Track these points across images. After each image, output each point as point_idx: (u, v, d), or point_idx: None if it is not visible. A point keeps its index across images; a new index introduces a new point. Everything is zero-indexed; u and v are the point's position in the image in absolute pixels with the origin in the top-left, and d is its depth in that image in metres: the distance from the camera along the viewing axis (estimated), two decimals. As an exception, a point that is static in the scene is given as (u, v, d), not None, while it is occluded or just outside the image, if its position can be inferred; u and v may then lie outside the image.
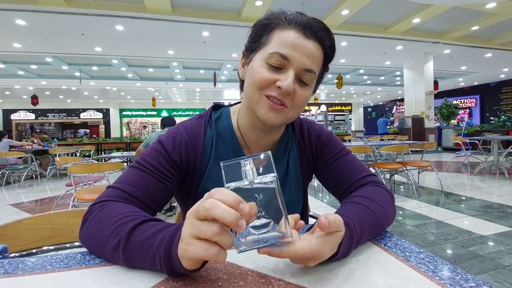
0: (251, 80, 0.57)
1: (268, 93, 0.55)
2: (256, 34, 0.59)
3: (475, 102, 15.69)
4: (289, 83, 0.53)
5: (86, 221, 0.49)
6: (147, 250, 0.39)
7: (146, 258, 0.39)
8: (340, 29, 7.01)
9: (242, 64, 0.64)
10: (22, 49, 7.52)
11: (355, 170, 0.66)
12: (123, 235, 0.41)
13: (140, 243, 0.40)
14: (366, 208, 0.51)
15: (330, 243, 0.39)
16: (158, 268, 0.38)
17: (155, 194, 0.56)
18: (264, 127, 0.62)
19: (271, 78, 0.54)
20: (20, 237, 0.74)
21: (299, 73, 0.55)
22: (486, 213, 2.97)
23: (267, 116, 0.56)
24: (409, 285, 0.35)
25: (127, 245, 0.40)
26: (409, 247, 0.47)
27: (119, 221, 0.44)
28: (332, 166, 0.69)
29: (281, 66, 0.55)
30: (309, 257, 0.37)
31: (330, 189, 0.70)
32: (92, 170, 2.36)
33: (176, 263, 0.36)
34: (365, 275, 0.39)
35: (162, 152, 0.60)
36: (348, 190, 0.65)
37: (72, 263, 0.44)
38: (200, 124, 0.66)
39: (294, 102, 0.57)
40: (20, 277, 0.40)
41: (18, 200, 4.08)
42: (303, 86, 0.57)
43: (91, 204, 0.52)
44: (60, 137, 15.36)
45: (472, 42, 8.33)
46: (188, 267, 0.35)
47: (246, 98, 0.61)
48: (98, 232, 0.45)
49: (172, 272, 0.37)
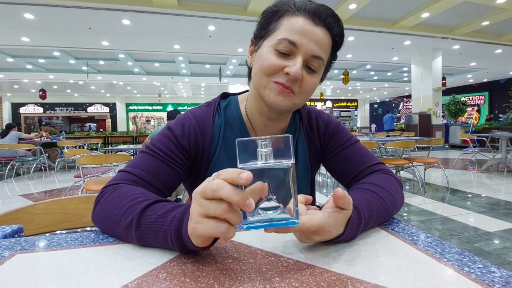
0: (260, 66, 0.57)
1: (276, 79, 0.55)
2: (265, 21, 0.59)
3: (483, 99, 15.42)
4: (297, 69, 0.53)
5: (99, 202, 0.50)
6: (158, 229, 0.40)
7: (158, 237, 0.40)
8: (347, 23, 6.91)
9: (251, 51, 0.64)
10: (30, 43, 7.59)
11: (364, 158, 0.67)
12: (135, 215, 0.42)
13: (152, 222, 0.41)
14: (374, 194, 0.52)
15: (335, 219, 0.39)
16: (170, 246, 0.40)
17: (164, 178, 0.58)
18: (272, 113, 0.62)
19: (280, 64, 0.55)
20: (34, 221, 0.76)
21: (307, 59, 0.55)
22: (492, 210, 2.94)
23: (275, 99, 0.56)
24: (417, 265, 0.36)
25: (139, 224, 0.42)
26: (416, 232, 0.47)
27: (132, 201, 0.45)
28: (341, 155, 0.69)
29: (290, 53, 0.55)
30: (313, 231, 0.38)
31: (338, 177, 0.71)
32: (100, 162, 2.40)
33: (187, 241, 0.37)
34: (372, 255, 0.39)
35: (171, 137, 0.61)
36: (357, 179, 0.65)
37: (86, 241, 0.45)
38: (209, 111, 0.67)
39: (302, 89, 0.57)
40: (37, 253, 0.42)
41: (28, 191, 4.17)
42: (311, 73, 0.57)
43: (103, 187, 0.53)
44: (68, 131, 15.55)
45: (482, 38, 8.15)
46: (198, 244, 0.36)
47: (254, 84, 0.61)
48: (111, 212, 0.46)
49: (183, 250, 0.38)
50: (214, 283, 0.32)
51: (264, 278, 0.33)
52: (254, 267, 0.36)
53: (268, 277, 0.34)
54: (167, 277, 0.34)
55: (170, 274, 0.34)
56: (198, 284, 0.32)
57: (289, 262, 0.37)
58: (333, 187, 4.19)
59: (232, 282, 0.32)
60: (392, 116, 10.85)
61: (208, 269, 0.36)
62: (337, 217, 0.40)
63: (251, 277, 0.33)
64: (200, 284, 0.32)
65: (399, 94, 19.03)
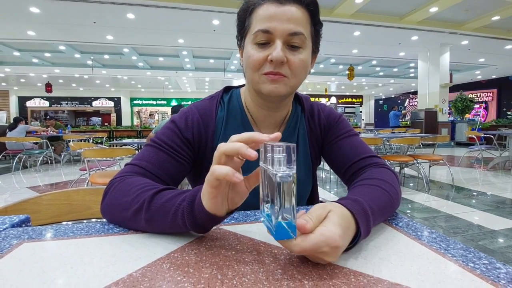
0: (246, 64, 0.59)
1: (264, 71, 0.57)
2: (240, 21, 0.62)
3: (492, 96, 15.16)
4: (278, 52, 0.54)
5: (107, 193, 0.51)
6: (169, 208, 0.41)
7: (167, 215, 0.41)
8: (353, 18, 6.82)
9: (241, 54, 0.66)
10: (36, 37, 7.64)
11: (360, 150, 0.66)
12: (147, 198, 0.44)
13: (162, 204, 0.42)
14: (378, 187, 0.51)
15: (339, 229, 0.34)
16: (178, 225, 0.40)
17: (170, 170, 0.58)
18: (271, 103, 0.64)
19: (262, 55, 0.56)
20: (40, 211, 0.77)
21: (287, 40, 0.55)
22: (498, 208, 2.91)
23: (271, 89, 0.57)
24: (421, 261, 0.36)
25: (150, 206, 0.43)
26: (420, 227, 0.47)
27: (141, 189, 0.46)
28: (337, 145, 0.69)
29: (268, 41, 0.56)
30: (313, 251, 0.33)
31: (334, 167, 0.71)
32: (105, 155, 2.42)
33: (199, 211, 0.38)
34: (375, 249, 0.39)
35: (175, 130, 0.63)
36: (351, 169, 0.65)
37: (92, 231, 0.46)
38: (212, 105, 0.68)
39: (292, 70, 0.57)
40: (44, 242, 0.42)
41: (35, 183, 4.23)
42: (296, 51, 0.57)
43: (111, 179, 0.54)
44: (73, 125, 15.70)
45: (491, 33, 7.98)
46: (210, 208, 0.36)
47: (248, 82, 0.63)
48: (120, 199, 0.47)
49: (193, 224, 0.39)
50: (217, 274, 0.32)
51: (266, 270, 0.33)
52: (257, 259, 0.36)
53: (271, 269, 0.34)
54: (171, 267, 0.34)
55: (174, 264, 0.35)
56: (201, 274, 0.32)
57: (292, 255, 0.37)
58: (336, 184, 4.19)
59: (235, 273, 0.33)
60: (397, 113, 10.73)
61: (211, 260, 0.36)
62: (337, 224, 0.35)
63: (253, 269, 0.34)
64: (203, 274, 0.32)
65: (405, 91, 18.80)
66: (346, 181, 0.67)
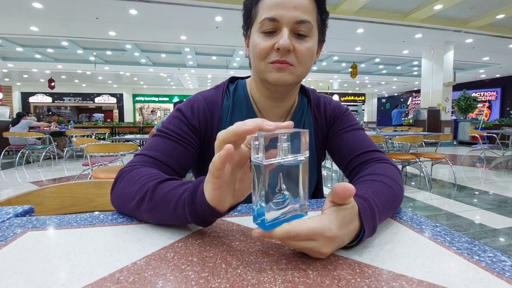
0: (253, 53, 0.59)
1: (271, 60, 0.56)
2: (246, 10, 0.63)
3: (495, 96, 15.04)
4: (284, 40, 0.54)
5: (116, 182, 0.51)
6: (171, 198, 0.40)
7: (169, 206, 0.40)
8: (357, 15, 6.77)
9: (246, 44, 0.66)
10: (39, 32, 7.64)
11: (364, 143, 0.66)
12: (150, 187, 0.43)
13: (165, 193, 0.41)
14: (381, 183, 0.49)
15: (336, 218, 0.33)
16: (179, 217, 0.39)
17: (179, 158, 0.58)
18: (277, 93, 0.63)
19: (269, 44, 0.56)
20: (43, 204, 0.77)
21: (293, 28, 0.55)
22: (500, 207, 2.90)
23: (277, 77, 0.57)
24: (425, 253, 0.36)
25: (153, 196, 0.42)
26: (425, 221, 0.47)
27: (147, 179, 0.46)
28: (342, 137, 0.69)
29: (274, 29, 0.56)
30: (308, 236, 0.31)
31: (336, 159, 0.70)
32: (108, 150, 2.43)
33: (200, 203, 0.36)
34: (380, 242, 0.39)
35: (181, 118, 0.63)
36: (354, 162, 0.64)
37: (95, 221, 0.46)
38: (218, 94, 0.69)
39: (298, 58, 0.57)
40: (47, 231, 0.42)
41: (38, 178, 4.26)
42: (302, 39, 0.57)
43: (121, 169, 0.54)
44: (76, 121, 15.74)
45: (496, 32, 7.90)
46: (212, 200, 0.34)
47: (255, 72, 0.63)
48: (127, 189, 0.47)
49: (194, 216, 0.37)
50: (221, 263, 0.32)
51: (271, 260, 0.33)
52: (261, 249, 0.36)
53: (275, 259, 0.34)
54: (174, 256, 0.34)
55: (178, 254, 0.35)
56: (206, 264, 0.32)
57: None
58: (338, 181, 4.18)
59: (239, 262, 0.33)
60: (400, 111, 10.70)
61: (215, 250, 0.36)
62: (339, 216, 0.33)
63: (258, 259, 0.34)
64: (207, 263, 0.32)
65: (408, 89, 18.69)
66: (348, 174, 0.66)
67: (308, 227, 0.31)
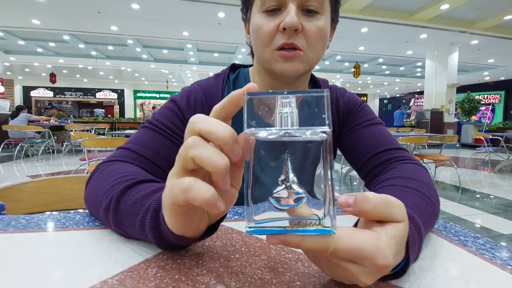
0: (256, 38, 0.51)
1: (277, 44, 0.48)
2: None
3: (499, 99, 14.91)
4: (292, 17, 0.45)
5: (89, 181, 0.43)
6: (137, 212, 0.30)
7: (135, 223, 0.30)
8: (361, 14, 6.67)
9: (247, 30, 0.58)
10: (41, 25, 7.57)
11: (384, 140, 0.56)
12: (115, 194, 0.34)
13: (132, 204, 0.32)
14: (417, 192, 0.38)
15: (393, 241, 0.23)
16: (147, 237, 0.29)
17: (168, 156, 0.50)
18: (284, 84, 0.55)
19: (273, 25, 0.47)
20: (23, 200, 0.70)
21: (301, 3, 0.47)
22: (506, 211, 2.82)
23: (285, 68, 0.49)
24: (477, 273, 0.28)
25: (118, 206, 0.33)
26: (461, 231, 0.40)
27: (117, 180, 0.37)
28: (356, 133, 0.59)
29: (279, 6, 0.47)
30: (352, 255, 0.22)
31: (350, 158, 0.61)
32: (105, 145, 2.36)
33: (164, 225, 0.26)
34: (427, 263, 0.31)
35: (175, 110, 0.54)
36: (372, 162, 0.54)
37: (69, 223, 0.39)
38: (218, 83, 0.60)
39: (308, 40, 0.48)
40: (10, 234, 0.35)
41: (36, 172, 4.20)
42: (313, 16, 0.48)
43: (98, 164, 0.46)
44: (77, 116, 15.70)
45: (503, 33, 7.77)
46: (175, 228, 0.25)
47: (258, 61, 0.56)
48: (95, 191, 0.39)
49: (160, 241, 0.28)
50: (216, 285, 0.25)
51: (281, 282, 0.26)
52: (267, 265, 0.29)
53: (286, 280, 0.26)
54: (157, 273, 0.26)
55: (162, 269, 0.27)
56: (196, 285, 0.25)
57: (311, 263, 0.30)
58: (338, 181, 4.10)
59: (240, 284, 0.25)
60: (402, 112, 10.58)
61: (210, 265, 0.28)
62: (394, 238, 0.23)
63: (263, 278, 0.26)
64: (199, 285, 0.25)
65: (410, 90, 18.56)
66: (364, 176, 0.57)
67: (356, 245, 0.21)
